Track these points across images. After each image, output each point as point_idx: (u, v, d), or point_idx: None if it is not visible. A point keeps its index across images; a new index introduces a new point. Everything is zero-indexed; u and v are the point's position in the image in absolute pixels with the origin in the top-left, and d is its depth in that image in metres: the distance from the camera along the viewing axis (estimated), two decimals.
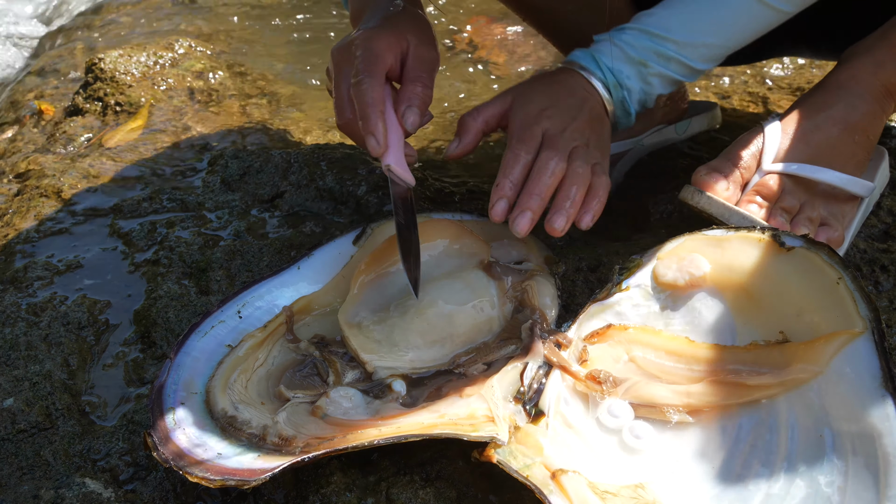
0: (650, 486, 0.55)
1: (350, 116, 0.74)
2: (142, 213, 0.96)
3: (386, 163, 0.72)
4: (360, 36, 0.75)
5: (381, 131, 0.71)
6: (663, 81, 0.81)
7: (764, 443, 0.57)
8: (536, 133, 0.76)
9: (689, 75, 0.81)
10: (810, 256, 0.66)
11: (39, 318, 0.79)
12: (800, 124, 0.80)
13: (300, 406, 0.61)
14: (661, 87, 0.81)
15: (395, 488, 0.59)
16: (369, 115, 0.71)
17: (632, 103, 0.81)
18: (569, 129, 0.76)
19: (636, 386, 0.63)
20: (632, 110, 0.81)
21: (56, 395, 0.70)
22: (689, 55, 0.79)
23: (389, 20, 0.79)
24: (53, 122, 1.27)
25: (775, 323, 0.64)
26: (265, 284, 0.72)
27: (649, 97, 0.82)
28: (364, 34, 0.76)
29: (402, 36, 0.77)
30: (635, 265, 0.73)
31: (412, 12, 0.82)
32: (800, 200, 0.77)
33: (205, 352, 0.64)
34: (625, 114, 0.81)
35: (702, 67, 0.81)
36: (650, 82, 0.80)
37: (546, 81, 0.82)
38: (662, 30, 0.79)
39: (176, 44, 1.40)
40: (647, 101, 0.82)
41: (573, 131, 0.76)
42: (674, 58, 0.79)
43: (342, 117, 0.75)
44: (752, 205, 0.76)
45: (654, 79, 0.80)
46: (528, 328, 0.67)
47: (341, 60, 0.76)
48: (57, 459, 0.64)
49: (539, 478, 0.53)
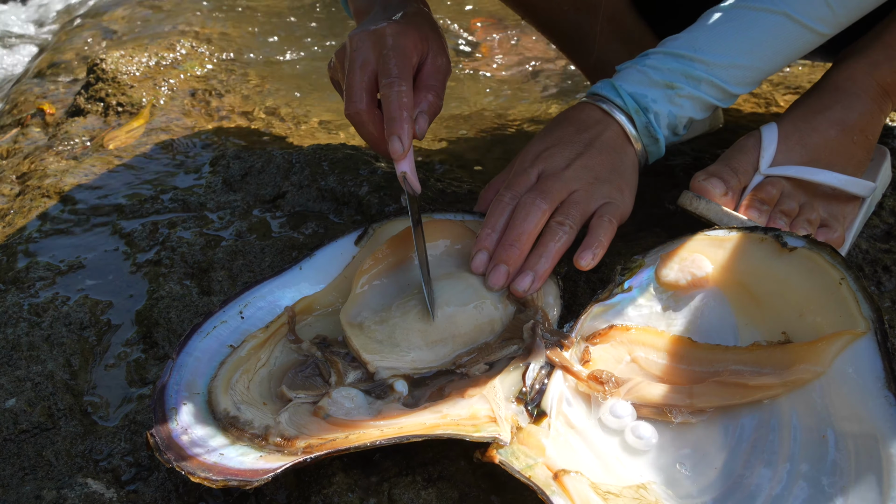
0: (652, 487, 0.55)
1: (363, 108, 0.73)
2: (143, 214, 0.96)
3: (402, 170, 0.72)
4: (388, 28, 0.74)
5: (408, 136, 0.70)
6: (695, 104, 0.77)
7: (766, 443, 0.57)
8: (531, 176, 0.74)
9: (724, 99, 0.77)
10: (812, 257, 0.66)
11: (41, 318, 0.79)
12: (797, 127, 0.80)
13: (302, 406, 0.61)
14: (692, 110, 0.77)
15: (398, 489, 0.59)
16: (399, 119, 0.70)
17: (659, 128, 0.77)
18: (572, 167, 0.73)
19: (638, 386, 0.62)
20: (659, 135, 0.77)
21: (58, 396, 0.70)
22: (722, 76, 0.75)
23: (412, 18, 0.77)
24: (55, 123, 1.27)
25: (777, 323, 0.64)
26: (267, 285, 0.72)
27: (680, 120, 0.77)
28: (394, 28, 0.74)
29: (425, 38, 0.76)
30: (637, 265, 0.73)
31: (428, 15, 0.82)
32: (798, 203, 0.76)
33: (207, 352, 0.64)
34: (652, 141, 0.78)
35: (737, 91, 0.77)
36: (679, 104, 0.76)
37: (556, 121, 0.80)
38: (690, 50, 0.76)
39: (178, 44, 1.41)
40: (678, 125, 0.78)
41: (578, 168, 0.73)
42: (705, 79, 0.75)
43: (353, 106, 0.73)
44: (751, 209, 0.75)
45: (683, 101, 0.76)
46: (529, 328, 0.67)
47: (361, 48, 0.74)
48: (59, 460, 0.64)
49: (541, 478, 0.53)
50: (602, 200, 0.73)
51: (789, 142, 0.78)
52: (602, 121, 0.77)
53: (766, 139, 0.78)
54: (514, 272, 0.70)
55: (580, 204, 0.72)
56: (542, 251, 0.70)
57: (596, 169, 0.74)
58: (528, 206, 0.70)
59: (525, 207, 0.70)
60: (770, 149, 0.78)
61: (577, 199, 0.72)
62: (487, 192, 0.81)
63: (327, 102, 1.32)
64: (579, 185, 0.73)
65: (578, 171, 0.73)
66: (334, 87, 0.84)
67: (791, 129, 0.79)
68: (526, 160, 0.75)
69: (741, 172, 0.77)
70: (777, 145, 0.78)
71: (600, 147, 0.75)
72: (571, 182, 0.72)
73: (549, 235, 0.70)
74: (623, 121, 0.77)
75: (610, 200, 0.74)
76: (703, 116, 0.79)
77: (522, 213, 0.70)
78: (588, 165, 0.74)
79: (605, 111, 0.77)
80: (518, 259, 0.70)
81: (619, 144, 0.77)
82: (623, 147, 0.77)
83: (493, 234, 0.71)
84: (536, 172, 0.74)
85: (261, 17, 1.67)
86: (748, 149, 0.79)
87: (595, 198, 0.73)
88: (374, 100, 0.75)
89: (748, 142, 0.79)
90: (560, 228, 0.70)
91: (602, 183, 0.74)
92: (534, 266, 0.69)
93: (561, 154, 0.74)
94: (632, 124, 0.77)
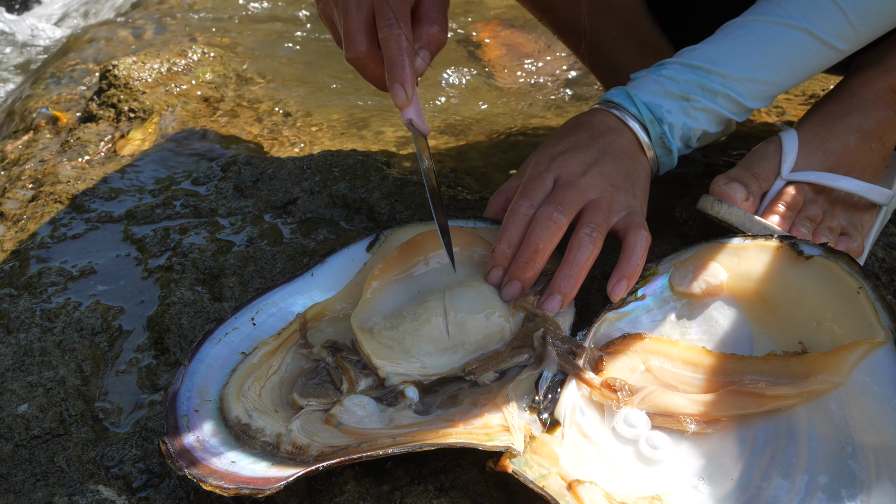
0: (667, 498, 0.55)
1: (364, 50, 0.70)
2: (155, 219, 0.96)
3: (408, 117, 0.71)
4: None
5: (411, 82, 0.68)
6: (710, 117, 0.76)
7: (783, 454, 0.56)
8: (546, 182, 0.71)
9: (739, 113, 0.76)
10: (829, 265, 0.65)
11: (53, 323, 0.79)
12: (816, 133, 0.79)
13: (314, 414, 0.60)
14: (707, 123, 0.76)
15: (410, 498, 0.58)
16: (399, 64, 0.68)
17: (673, 140, 0.75)
18: (589, 174, 0.71)
19: (653, 395, 0.62)
20: (673, 147, 0.76)
21: (70, 402, 0.70)
22: (738, 90, 0.74)
23: None
24: (67, 129, 1.28)
25: (794, 333, 0.64)
26: (279, 291, 0.72)
27: (693, 133, 0.76)
28: None
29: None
30: (651, 273, 0.73)
31: None
32: (821, 209, 0.76)
33: (219, 359, 0.64)
34: (666, 152, 0.76)
35: (752, 105, 0.76)
36: (694, 116, 0.75)
37: (568, 126, 0.78)
38: (707, 62, 0.74)
39: (189, 51, 1.41)
40: (691, 137, 0.77)
41: (595, 175, 0.71)
42: (721, 91, 0.74)
43: (353, 50, 0.71)
44: (774, 215, 0.74)
45: (698, 113, 0.75)
46: (540, 337, 0.66)
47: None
48: (70, 466, 0.64)
49: (555, 488, 0.52)
50: (623, 210, 0.72)
51: (810, 147, 0.78)
52: (616, 128, 0.76)
53: (787, 145, 0.78)
54: (528, 288, 0.69)
55: (604, 212, 0.70)
56: (569, 271, 0.68)
57: (612, 176, 0.72)
58: (545, 220, 0.68)
59: (542, 222, 0.68)
60: (791, 154, 0.77)
61: (600, 206, 0.70)
62: (497, 198, 0.80)
63: (339, 109, 1.33)
64: (597, 194, 0.71)
65: (595, 177, 0.71)
66: (326, 27, 0.79)
67: (811, 134, 0.79)
68: (540, 164, 0.73)
69: (762, 178, 0.76)
70: (798, 150, 0.77)
71: (615, 154, 0.74)
72: (589, 190, 0.71)
73: (576, 249, 0.68)
74: (637, 129, 0.75)
75: (631, 210, 0.72)
76: (717, 130, 0.78)
77: (539, 228, 0.68)
78: (605, 172, 0.72)
79: (619, 118, 0.76)
80: (533, 276, 0.69)
81: (633, 152, 0.75)
82: (637, 155, 0.76)
83: (508, 249, 0.70)
84: (552, 177, 0.72)
85: (272, 24, 1.68)
86: (769, 154, 0.78)
87: (615, 207, 0.71)
88: (374, 40, 0.72)
89: (768, 147, 0.79)
90: (588, 240, 0.68)
91: (619, 191, 0.72)
92: (562, 289, 0.68)
93: (576, 159, 0.73)
94: (646, 134, 0.76)
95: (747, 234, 0.72)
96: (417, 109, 0.72)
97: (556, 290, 0.68)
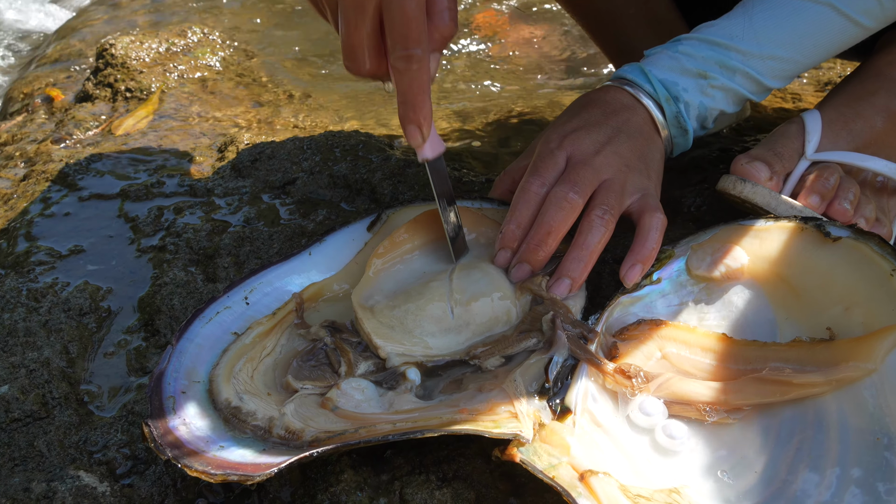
0: (686, 491, 0.51)
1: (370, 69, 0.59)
2: (149, 198, 0.93)
3: (424, 157, 0.63)
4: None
5: (428, 121, 0.59)
6: (727, 96, 0.72)
7: (811, 445, 0.52)
8: (558, 160, 0.67)
9: (758, 92, 0.72)
10: (859, 247, 0.61)
11: (40, 303, 0.76)
12: (841, 112, 0.75)
13: (309, 398, 0.57)
14: (724, 103, 0.72)
15: (410, 488, 0.54)
16: (418, 105, 0.58)
17: (689, 119, 0.72)
18: (602, 153, 0.67)
19: (669, 382, 0.58)
20: (689, 127, 0.72)
21: (53, 384, 0.66)
22: (758, 68, 0.71)
23: None
24: (63, 109, 1.24)
25: (821, 318, 0.60)
26: (274, 270, 0.68)
27: (710, 112, 0.72)
28: None
29: None
30: (667, 256, 0.69)
31: None
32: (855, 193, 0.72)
33: (209, 339, 0.60)
34: (681, 132, 0.73)
35: (772, 84, 0.72)
36: (712, 95, 0.71)
37: (580, 102, 0.74)
38: (726, 38, 0.71)
39: (189, 31, 1.37)
40: (708, 117, 0.73)
41: (608, 155, 0.67)
42: (740, 69, 0.70)
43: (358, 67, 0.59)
44: (813, 196, 0.70)
45: (716, 92, 0.71)
46: (549, 320, 0.62)
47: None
48: (51, 451, 0.60)
49: (566, 479, 0.48)
50: (637, 192, 0.68)
51: (834, 127, 0.74)
52: (630, 106, 0.72)
53: (810, 125, 0.74)
54: (537, 271, 0.65)
55: (618, 194, 0.66)
56: (579, 254, 0.64)
57: (626, 156, 0.69)
58: (559, 201, 0.64)
59: (556, 202, 0.64)
60: (815, 134, 0.73)
61: (613, 187, 0.66)
62: (504, 179, 0.77)
63: (340, 89, 1.29)
64: (611, 173, 0.67)
65: (609, 156, 0.67)
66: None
67: (835, 114, 0.75)
68: (551, 141, 0.69)
69: (786, 158, 0.72)
70: (822, 130, 0.73)
71: (629, 133, 0.70)
72: (603, 170, 0.67)
73: (587, 231, 0.64)
74: (652, 108, 0.72)
75: (645, 192, 0.68)
76: (735, 110, 0.74)
77: (553, 208, 0.64)
78: (618, 152, 0.68)
79: (633, 96, 0.72)
80: (544, 259, 0.65)
81: (647, 131, 0.71)
82: (651, 135, 0.72)
83: (518, 230, 0.66)
84: (565, 155, 0.68)
85: (274, 5, 1.64)
86: (791, 134, 0.74)
87: (629, 189, 0.67)
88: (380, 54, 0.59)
89: (790, 127, 0.75)
90: (600, 222, 0.64)
91: (633, 171, 0.68)
92: (571, 272, 0.64)
93: (589, 137, 0.69)
94: (661, 112, 0.72)
95: (769, 216, 0.68)
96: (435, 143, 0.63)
97: (565, 274, 0.64)
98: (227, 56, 1.35)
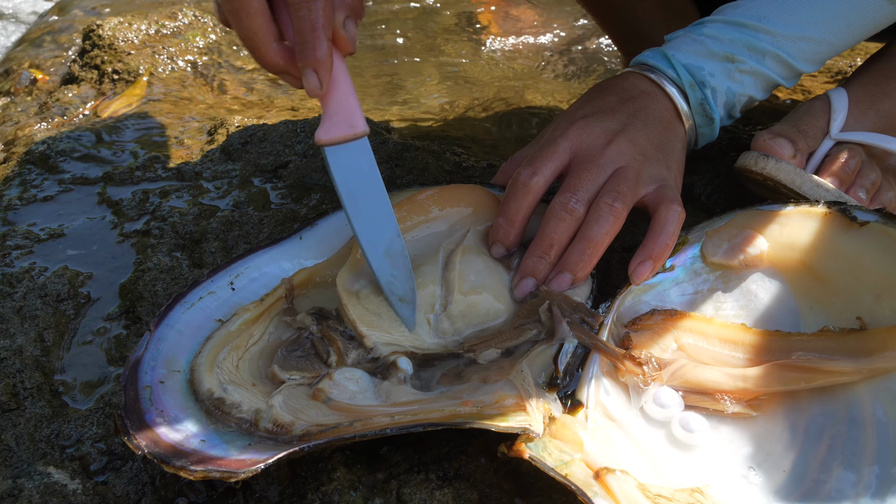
0: (709, 491, 0.47)
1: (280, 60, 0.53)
2: (134, 182, 0.88)
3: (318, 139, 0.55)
4: None
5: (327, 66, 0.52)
6: (757, 81, 0.67)
7: (844, 442, 0.48)
8: (559, 150, 0.62)
9: (789, 77, 0.67)
10: (888, 231, 0.57)
11: (14, 289, 0.71)
12: (868, 91, 0.71)
13: (299, 389, 0.52)
14: (753, 89, 0.67)
15: (408, 487, 0.50)
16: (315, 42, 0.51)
17: (715, 107, 0.66)
18: (615, 143, 0.62)
19: (684, 369, 0.54)
20: (715, 115, 0.67)
21: (26, 373, 0.62)
22: (789, 50, 0.66)
23: None
24: (47, 91, 1.19)
25: (849, 307, 0.56)
26: (262, 254, 0.64)
27: (739, 99, 0.67)
28: None
29: None
30: (681, 242, 0.65)
31: None
32: (877, 175, 0.68)
33: (190, 325, 0.56)
34: (706, 121, 0.67)
35: (803, 68, 0.67)
36: (739, 80, 0.66)
37: (596, 88, 0.69)
38: (754, 18, 0.66)
39: (180, 13, 1.33)
40: (736, 104, 0.68)
41: (622, 143, 0.62)
42: (770, 52, 0.66)
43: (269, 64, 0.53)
44: (831, 179, 0.65)
45: (745, 77, 0.66)
46: (545, 310, 0.58)
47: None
48: (20, 445, 0.56)
49: (580, 477, 0.44)
50: (654, 182, 0.62)
51: (861, 106, 0.70)
52: (649, 92, 0.66)
53: (837, 102, 0.70)
54: (542, 282, 0.60)
55: (632, 182, 0.61)
56: (583, 246, 0.59)
57: (642, 144, 0.63)
58: (559, 213, 0.59)
59: (556, 214, 0.60)
60: (841, 112, 0.69)
61: (627, 175, 0.61)
62: (509, 166, 0.72)
63: None
64: (625, 161, 0.62)
65: (623, 145, 0.62)
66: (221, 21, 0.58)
67: (862, 93, 0.71)
68: (558, 128, 0.64)
69: (810, 136, 0.68)
70: (848, 109, 0.69)
71: (646, 120, 0.64)
72: (613, 162, 0.62)
73: (593, 221, 0.59)
74: (675, 94, 0.66)
75: (663, 183, 0.62)
76: (764, 97, 0.68)
77: (554, 221, 0.60)
78: (633, 140, 0.63)
79: (654, 82, 0.66)
80: (547, 270, 0.60)
81: (667, 119, 0.66)
82: (672, 123, 0.66)
83: (509, 228, 0.62)
84: (567, 146, 0.63)
85: None
86: (816, 112, 0.70)
87: (644, 178, 0.62)
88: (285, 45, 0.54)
89: (815, 105, 0.71)
90: (608, 210, 0.59)
91: (649, 161, 0.63)
92: (573, 266, 0.59)
93: (600, 125, 0.63)
94: (684, 99, 0.66)
95: (789, 200, 0.64)
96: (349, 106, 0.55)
97: (567, 268, 0.60)
98: (219, 39, 1.30)
